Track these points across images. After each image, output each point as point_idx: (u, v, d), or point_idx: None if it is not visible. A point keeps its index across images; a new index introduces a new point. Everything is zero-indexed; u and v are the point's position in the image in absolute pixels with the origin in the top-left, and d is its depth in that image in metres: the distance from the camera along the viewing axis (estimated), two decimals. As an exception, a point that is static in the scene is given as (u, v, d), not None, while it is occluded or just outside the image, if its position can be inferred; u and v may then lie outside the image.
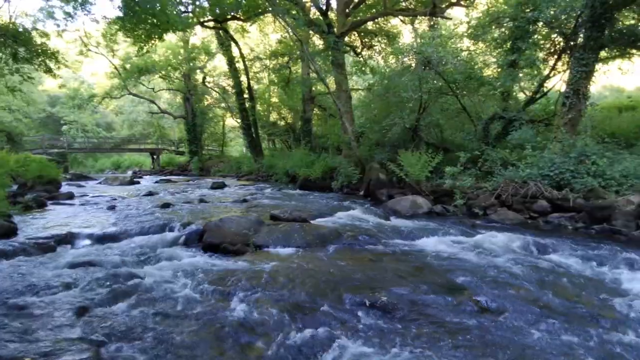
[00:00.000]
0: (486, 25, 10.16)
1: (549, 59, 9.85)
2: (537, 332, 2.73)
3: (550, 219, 6.50)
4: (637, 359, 2.47)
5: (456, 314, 3.03)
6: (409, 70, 9.58)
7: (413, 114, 9.87)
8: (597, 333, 2.74)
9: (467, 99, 10.15)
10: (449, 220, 6.96)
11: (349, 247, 5.05)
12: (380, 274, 3.95)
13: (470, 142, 9.57)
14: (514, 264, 4.33)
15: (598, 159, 6.56)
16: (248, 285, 3.55)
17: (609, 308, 3.18)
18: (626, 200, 5.77)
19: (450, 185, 7.82)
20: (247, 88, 20.94)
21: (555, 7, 8.73)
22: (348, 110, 12.78)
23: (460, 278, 3.79)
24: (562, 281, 3.81)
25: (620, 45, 8.51)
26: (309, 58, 12.90)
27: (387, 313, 3.05)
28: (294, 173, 14.49)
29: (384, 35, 18.07)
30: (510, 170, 7.39)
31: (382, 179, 9.45)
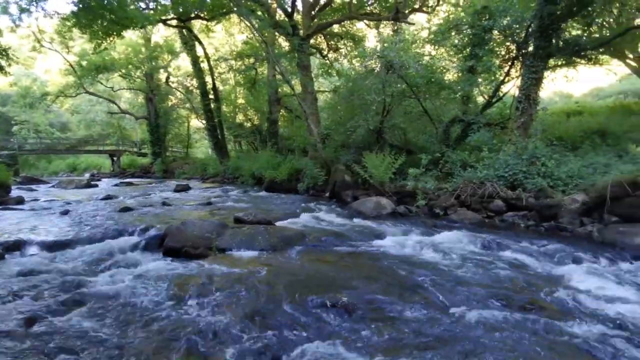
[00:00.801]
0: (446, 31, 10.54)
1: (504, 65, 10.36)
2: (491, 327, 2.86)
3: (505, 218, 6.83)
4: (582, 346, 2.64)
5: (414, 311, 3.12)
6: (372, 74, 9.78)
7: (377, 117, 10.07)
8: (545, 324, 2.91)
9: (428, 103, 10.48)
10: (412, 220, 7.16)
11: (313, 248, 5.09)
12: (342, 274, 4.01)
13: (432, 144, 9.89)
14: (471, 261, 4.53)
15: (547, 160, 6.98)
16: (209, 289, 3.50)
17: (555, 301, 3.39)
18: (571, 199, 6.18)
19: (413, 186, 8.04)
20: (212, 89, 20.57)
21: (508, 17, 9.21)
22: (314, 112, 12.85)
23: (419, 277, 3.91)
24: (513, 277, 4.01)
25: (566, 54, 9.09)
26: (274, 60, 12.87)
27: (348, 313, 3.10)
28: (260, 175, 14.38)
29: (350, 38, 18.32)
30: (469, 171, 7.71)
31: (347, 181, 9.57)
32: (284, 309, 3.16)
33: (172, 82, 27.17)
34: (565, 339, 2.72)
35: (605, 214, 5.79)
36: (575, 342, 2.69)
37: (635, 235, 5.11)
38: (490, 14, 9.34)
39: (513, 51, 10.05)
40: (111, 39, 13.50)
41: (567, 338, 2.74)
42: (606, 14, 10.57)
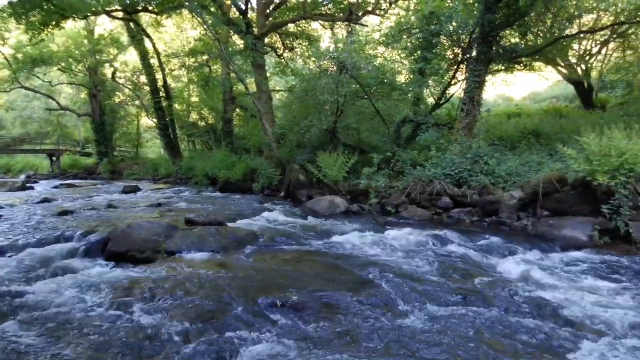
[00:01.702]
0: (397, 34, 10.88)
1: (451, 68, 10.87)
2: (437, 320, 2.99)
3: (452, 214, 7.19)
4: (518, 333, 2.83)
5: (365, 308, 3.20)
6: (326, 74, 9.88)
7: (331, 117, 10.19)
8: (485, 314, 3.10)
9: (381, 103, 10.77)
10: (364, 218, 7.33)
11: (266, 249, 5.06)
12: (294, 274, 4.03)
13: (385, 144, 10.17)
14: (420, 257, 4.72)
15: (489, 159, 7.42)
16: (155, 294, 3.38)
17: (494, 291, 3.60)
18: (510, 195, 6.62)
19: (366, 185, 8.23)
20: (163, 86, 19.78)
21: (454, 23, 9.68)
22: (268, 111, 12.76)
23: (371, 273, 4.01)
24: (458, 270, 4.24)
25: (505, 60, 9.72)
26: (228, 58, 12.62)
27: (298, 312, 3.13)
28: (214, 175, 14.06)
29: (306, 38, 18.36)
30: (419, 170, 8.02)
31: (302, 180, 9.62)
32: (234, 310, 3.12)
33: (120, 77, 25.79)
34: (503, 328, 2.91)
35: (538, 209, 6.26)
36: (512, 329, 2.89)
37: (563, 227, 5.58)
38: (437, 20, 9.76)
39: (459, 55, 10.57)
40: (49, 30, 12.57)
41: (505, 326, 2.93)
42: (540, 24, 11.42)
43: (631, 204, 5.26)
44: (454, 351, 2.54)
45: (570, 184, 5.99)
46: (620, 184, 5.27)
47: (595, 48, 13.42)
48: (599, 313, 3.10)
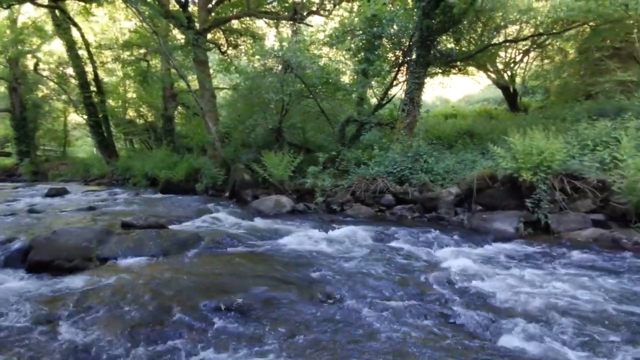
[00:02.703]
0: (341, 35, 11.05)
1: (393, 70, 11.27)
2: (382, 315, 3.07)
3: (395, 211, 7.46)
4: (456, 322, 2.99)
5: (310, 307, 3.21)
6: (271, 73, 9.79)
7: (276, 116, 10.12)
8: (427, 306, 3.24)
9: (326, 103, 10.89)
10: (310, 217, 7.37)
11: (209, 251, 4.90)
12: (239, 276, 3.94)
13: (330, 143, 10.30)
14: (364, 254, 4.83)
15: (428, 157, 7.80)
16: (87, 306, 3.13)
17: (434, 283, 3.79)
18: (447, 192, 7.02)
19: (312, 184, 8.28)
20: (93, 79, 18.37)
21: (395, 26, 10.04)
22: (212, 109, 12.37)
23: (315, 272, 4.04)
24: (401, 265, 4.40)
25: (441, 63, 10.29)
26: (167, 53, 12.03)
27: (243, 315, 3.06)
28: (154, 175, 13.34)
29: (250, 35, 18.02)
30: (362, 168, 8.22)
31: (247, 180, 9.45)
32: (175, 317, 2.98)
33: (43, 69, 23.48)
34: (440, 317, 3.07)
35: (473, 204, 6.70)
36: (448, 318, 3.05)
37: (494, 221, 6.03)
38: (379, 22, 10.06)
39: (400, 58, 10.99)
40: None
41: (441, 315, 3.09)
42: (472, 32, 12.23)
43: (549, 197, 5.81)
44: (395, 343, 2.64)
45: (500, 180, 6.48)
46: (540, 180, 5.80)
47: (518, 56, 14.63)
48: (525, 298, 3.37)
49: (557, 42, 13.38)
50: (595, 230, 5.53)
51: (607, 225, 5.65)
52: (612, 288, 3.65)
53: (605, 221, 5.69)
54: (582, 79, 12.47)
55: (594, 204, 5.79)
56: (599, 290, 3.60)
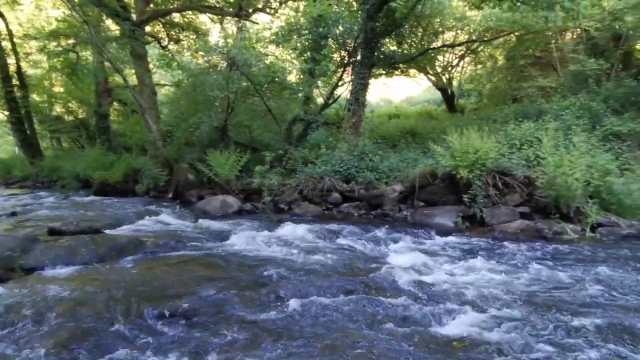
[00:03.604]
0: (287, 34, 11.02)
1: (339, 70, 11.45)
2: (329, 313, 3.10)
3: (342, 209, 7.59)
4: (403, 315, 3.10)
5: (257, 308, 3.16)
6: (216, 69, 9.50)
7: (221, 114, 9.86)
8: (374, 300, 3.32)
9: (272, 102, 10.79)
10: (258, 217, 7.28)
11: (152, 255, 4.65)
12: (184, 280, 3.78)
13: (277, 142, 10.23)
14: (312, 252, 4.86)
15: (373, 156, 8.04)
16: (9, 320, 2.84)
17: (381, 278, 3.90)
18: (392, 189, 7.29)
19: (259, 183, 8.17)
20: (16, 72, 16.64)
21: (341, 27, 10.22)
22: (152, 106, 11.72)
23: (263, 273, 3.99)
24: (348, 262, 4.48)
25: (385, 65, 10.65)
26: (100, 44, 11.21)
27: (189, 320, 2.95)
28: (87, 177, 12.38)
29: (193, 30, 17.34)
30: (309, 167, 8.27)
31: (192, 180, 9.11)
32: (114, 327, 2.80)
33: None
34: (389, 311, 3.17)
35: (415, 200, 7.02)
36: (393, 310, 3.17)
37: (435, 216, 6.36)
38: (325, 23, 10.17)
39: (345, 58, 11.20)
40: None
41: (387, 308, 3.20)
42: (413, 36, 12.82)
43: (484, 193, 6.25)
44: (342, 339, 2.68)
45: (440, 178, 6.85)
46: (476, 177, 6.22)
47: (455, 60, 15.56)
48: (463, 288, 3.59)
49: (488, 49, 14.43)
50: (522, 222, 6.04)
51: (532, 217, 6.20)
52: (537, 274, 4.01)
53: (530, 213, 6.24)
54: (509, 83, 13.56)
55: (521, 198, 6.32)
56: (526, 276, 3.94)
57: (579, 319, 2.92)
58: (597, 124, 7.79)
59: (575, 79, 10.12)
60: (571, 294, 3.49)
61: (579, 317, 2.96)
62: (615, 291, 3.53)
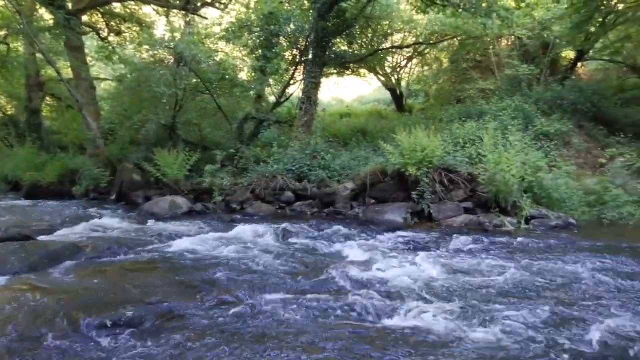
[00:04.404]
0: (237, 31, 10.80)
1: (291, 68, 11.42)
2: (282, 312, 3.06)
3: (294, 208, 7.59)
4: (355, 311, 3.13)
5: (208, 312, 3.06)
6: (162, 65, 9.08)
7: (169, 111, 9.45)
8: (326, 299, 3.33)
9: (223, 100, 10.52)
10: (209, 217, 7.09)
11: (91, 261, 4.36)
12: (129, 286, 3.58)
13: (228, 141, 10.01)
14: (265, 252, 4.81)
15: (325, 155, 8.11)
16: None
17: (333, 276, 3.93)
18: (344, 187, 7.40)
19: (210, 183, 7.96)
20: None
21: (292, 25, 10.20)
22: (91, 102, 10.97)
23: (214, 275, 3.88)
24: (301, 261, 4.48)
25: (336, 64, 10.78)
26: (31, 34, 10.29)
27: (134, 329, 2.79)
28: (16, 179, 11.34)
29: (136, 22, 16.43)
30: (262, 166, 8.18)
31: (137, 180, 8.65)
32: (48, 341, 2.59)
33: None
34: (341, 308, 3.21)
35: (367, 198, 7.19)
36: (349, 307, 3.21)
37: (385, 213, 6.55)
38: (277, 21, 10.08)
39: (297, 57, 11.19)
40: None
41: (343, 307, 3.22)
42: (363, 37, 13.11)
43: (431, 189, 6.54)
44: (296, 338, 2.67)
45: (390, 175, 7.06)
46: (424, 174, 6.49)
47: (403, 62, 16.12)
48: (412, 282, 3.73)
49: (434, 52, 15.11)
50: (466, 216, 6.40)
51: (475, 211, 6.59)
52: (478, 265, 4.26)
53: (474, 208, 6.63)
54: (453, 85, 14.29)
55: (465, 194, 6.69)
56: (470, 267, 4.17)
57: (516, 306, 3.15)
58: (530, 125, 8.43)
59: (510, 82, 10.88)
60: (508, 282, 3.75)
61: (515, 304, 3.19)
62: (544, 279, 3.85)
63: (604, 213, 6.64)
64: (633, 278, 3.80)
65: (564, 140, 8.40)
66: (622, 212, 6.58)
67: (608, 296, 3.42)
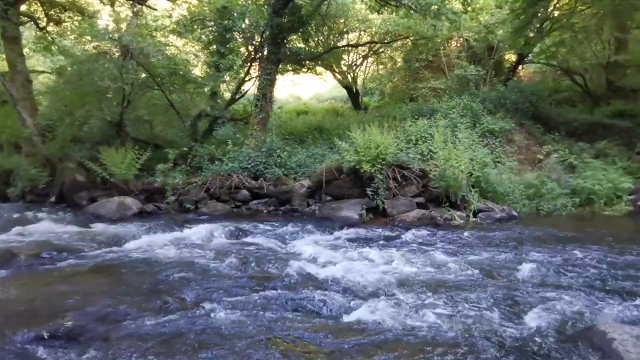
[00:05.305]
0: (189, 24, 10.42)
1: (246, 65, 11.19)
2: (236, 313, 3.01)
3: (250, 206, 7.48)
4: (312, 307, 3.16)
5: (158, 318, 2.93)
6: (106, 57, 8.53)
7: (116, 107, 8.93)
8: (284, 296, 3.32)
9: (175, 96, 10.10)
10: (161, 218, 6.82)
11: (27, 269, 4.06)
12: (69, 294, 3.36)
13: (181, 139, 9.64)
14: (219, 252, 4.70)
15: (281, 152, 8.04)
16: None
17: (290, 273, 3.92)
18: (300, 184, 7.40)
19: (162, 182, 7.63)
20: None
21: (247, 21, 10.00)
22: (26, 96, 10.12)
23: (165, 278, 3.75)
24: (257, 259, 4.42)
25: (291, 62, 10.73)
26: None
27: (73, 340, 2.63)
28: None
29: (78, 11, 15.37)
30: (216, 164, 7.96)
31: (81, 181, 8.12)
32: (-26, 358, 2.36)
33: None
34: (297, 305, 3.21)
35: (323, 195, 7.23)
36: (305, 305, 3.21)
37: (341, 209, 6.62)
38: (230, 15, 9.83)
39: (252, 53, 10.99)
40: None
41: (299, 304, 3.23)
42: (319, 34, 13.14)
43: (385, 186, 6.69)
44: (250, 338, 2.64)
45: (345, 172, 7.15)
46: (378, 170, 6.63)
47: (359, 60, 16.34)
48: (367, 277, 3.79)
49: (388, 51, 15.45)
50: (419, 211, 6.62)
51: (427, 206, 6.83)
52: (430, 258, 4.42)
53: (425, 203, 6.87)
54: (407, 83, 14.71)
55: (418, 189, 6.92)
56: (420, 261, 4.32)
57: (460, 295, 3.31)
58: (477, 122, 8.87)
59: (459, 82, 11.38)
60: (455, 273, 3.93)
61: (463, 292, 3.35)
62: (488, 268, 4.08)
63: (541, 205, 7.15)
64: (564, 265, 4.13)
65: (507, 137, 8.92)
66: (557, 204, 7.12)
67: (543, 282, 3.69)
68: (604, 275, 3.80)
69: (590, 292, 3.38)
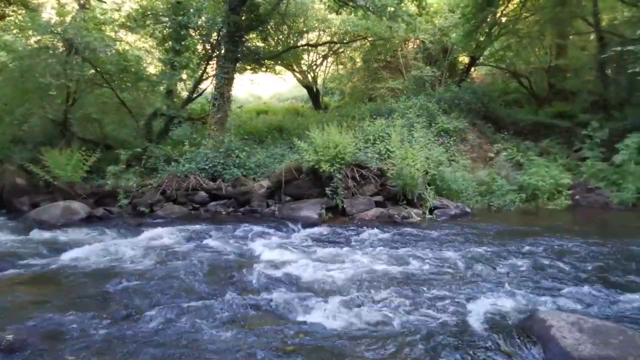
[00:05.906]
0: (140, 19, 9.99)
1: (202, 63, 10.89)
2: (191, 319, 2.92)
3: (209, 208, 7.29)
4: (271, 310, 3.13)
5: (107, 328, 2.79)
6: (47, 52, 7.97)
7: (60, 105, 8.38)
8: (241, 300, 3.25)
9: (127, 94, 9.64)
10: (113, 223, 6.47)
11: (-42, 282, 3.70)
12: (10, 306, 3.14)
13: (135, 139, 9.22)
14: (175, 256, 4.55)
15: (240, 152, 7.90)
16: None
17: (248, 276, 3.86)
18: (259, 185, 7.31)
19: (113, 185, 7.26)
20: None
21: (203, 17, 9.73)
22: (-42, 94, 9.28)
23: (116, 286, 3.56)
24: (215, 263, 4.32)
25: (249, 60, 10.58)
26: None
27: (15, 354, 2.44)
28: None
29: (22, 4, 14.29)
30: (173, 165, 7.68)
31: (21, 184, 7.52)
32: None
33: None
34: (256, 307, 3.17)
35: (282, 195, 7.19)
36: (264, 307, 3.18)
37: (300, 209, 6.62)
38: (185, 11, 9.52)
39: (209, 51, 10.71)
40: None
41: (258, 306, 3.20)
42: (279, 33, 13.04)
43: (344, 185, 6.77)
44: (207, 344, 2.58)
45: (305, 172, 7.15)
46: (336, 170, 6.69)
47: (319, 60, 16.40)
48: (326, 277, 3.81)
49: (348, 51, 15.62)
50: (377, 209, 6.75)
51: (385, 204, 6.98)
52: (386, 256, 4.52)
53: (384, 201, 7.02)
54: (366, 84, 14.96)
55: (376, 188, 7.05)
56: (377, 259, 4.41)
57: (415, 289, 3.42)
58: (433, 122, 9.19)
59: (416, 82, 11.74)
60: (411, 269, 4.05)
61: (415, 288, 3.46)
62: (441, 264, 4.24)
63: (492, 201, 7.53)
64: (510, 258, 4.37)
65: (460, 136, 9.32)
66: (506, 200, 7.53)
67: (490, 274, 3.89)
68: (546, 265, 4.07)
69: (533, 282, 3.61)
